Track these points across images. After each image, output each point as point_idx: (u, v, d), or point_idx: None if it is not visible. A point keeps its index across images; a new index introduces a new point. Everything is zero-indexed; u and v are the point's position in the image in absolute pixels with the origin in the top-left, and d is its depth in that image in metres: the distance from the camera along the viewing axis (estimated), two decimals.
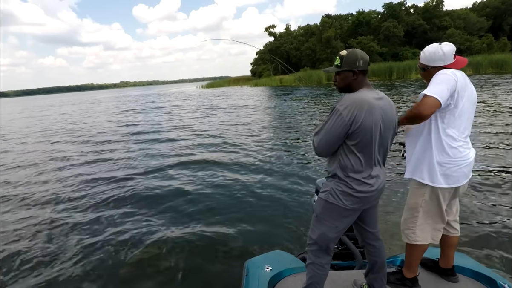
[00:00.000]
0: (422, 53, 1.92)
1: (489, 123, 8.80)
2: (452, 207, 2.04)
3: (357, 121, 1.58)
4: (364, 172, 1.67)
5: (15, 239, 4.14)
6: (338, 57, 1.72)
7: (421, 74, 1.99)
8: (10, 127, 18.91)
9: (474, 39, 44.78)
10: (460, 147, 1.84)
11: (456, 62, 1.86)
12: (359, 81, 1.70)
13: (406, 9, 53.42)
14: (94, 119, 19.42)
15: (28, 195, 5.86)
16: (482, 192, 4.47)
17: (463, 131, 1.86)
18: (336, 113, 1.61)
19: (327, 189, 1.74)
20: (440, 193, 1.89)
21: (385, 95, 1.74)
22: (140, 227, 4.17)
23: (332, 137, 1.63)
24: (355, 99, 1.62)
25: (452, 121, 1.82)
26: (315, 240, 1.79)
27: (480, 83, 19.91)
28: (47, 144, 11.60)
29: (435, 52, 1.85)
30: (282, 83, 45.25)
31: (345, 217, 1.74)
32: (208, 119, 15.00)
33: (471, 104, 1.86)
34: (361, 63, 1.66)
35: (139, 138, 11.25)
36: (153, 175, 6.54)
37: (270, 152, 7.84)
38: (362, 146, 1.63)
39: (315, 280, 1.82)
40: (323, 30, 52.58)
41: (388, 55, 47.65)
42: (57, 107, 39.90)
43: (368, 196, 1.70)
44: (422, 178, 1.91)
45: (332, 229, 1.75)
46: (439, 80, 1.76)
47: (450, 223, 2.06)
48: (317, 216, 1.79)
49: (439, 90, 1.73)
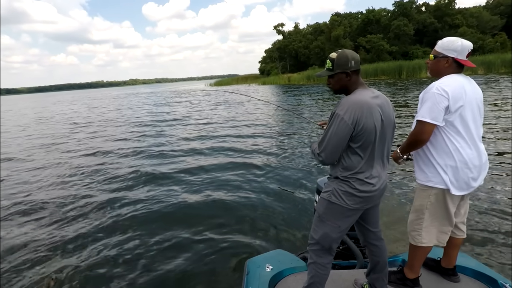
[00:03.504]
0: (440, 41, 1.88)
1: (494, 123, 8.68)
2: (461, 209, 2.01)
3: (359, 123, 1.58)
4: (366, 172, 1.67)
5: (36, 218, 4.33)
6: (329, 60, 1.71)
7: (429, 64, 1.93)
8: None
9: (487, 37, 43.87)
10: (466, 149, 1.81)
11: (466, 61, 1.83)
12: (354, 81, 1.70)
13: (417, 7, 52.63)
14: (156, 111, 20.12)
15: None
16: (483, 192, 4.41)
17: (470, 132, 1.82)
18: (337, 118, 1.60)
19: (329, 189, 1.74)
20: (447, 196, 1.87)
21: (380, 93, 1.74)
22: (140, 226, 4.18)
23: (337, 142, 1.62)
24: (354, 101, 1.62)
25: (456, 124, 1.79)
26: (317, 240, 1.79)
27: (491, 82, 19.54)
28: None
29: (454, 41, 1.82)
30: (290, 81, 45.16)
31: (347, 217, 1.74)
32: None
33: (473, 106, 1.82)
34: (353, 63, 1.66)
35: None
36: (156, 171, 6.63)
37: (269, 152, 7.82)
38: (365, 146, 1.64)
39: (317, 280, 1.82)
40: (332, 28, 52.17)
41: (398, 54, 47.05)
42: (99, 100, 43.50)
43: (371, 196, 1.70)
44: (427, 180, 1.90)
45: (335, 229, 1.75)
46: (430, 102, 1.76)
47: (457, 225, 2.03)
48: (319, 216, 1.79)
49: (431, 112, 1.75)
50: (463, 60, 1.82)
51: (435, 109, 1.75)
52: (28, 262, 3.51)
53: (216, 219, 4.26)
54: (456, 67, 1.84)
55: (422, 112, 1.79)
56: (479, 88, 1.90)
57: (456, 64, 1.83)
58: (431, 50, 1.93)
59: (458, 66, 1.84)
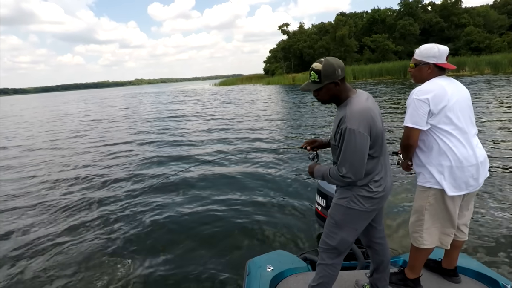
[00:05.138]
0: (417, 50, 1.96)
1: (495, 123, 8.60)
2: (464, 210, 2.01)
3: (372, 131, 1.60)
4: (380, 172, 1.70)
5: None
6: (314, 72, 1.64)
7: (411, 72, 2.01)
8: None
9: (494, 37, 43.41)
10: (461, 148, 1.82)
11: (446, 64, 1.92)
12: (343, 89, 1.66)
13: (423, 7, 52.28)
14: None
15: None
16: (483, 192, 4.37)
17: (461, 131, 1.84)
18: (353, 133, 1.55)
19: (346, 196, 1.72)
20: (446, 196, 1.86)
21: (364, 91, 1.74)
22: (139, 225, 4.20)
23: (362, 157, 1.58)
24: (359, 111, 1.59)
25: (445, 125, 1.83)
26: (334, 246, 1.77)
27: (501, 82, 19.33)
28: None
29: (431, 48, 1.89)
30: (295, 81, 45.06)
31: (365, 220, 1.77)
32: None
33: (461, 105, 1.86)
34: (339, 71, 1.62)
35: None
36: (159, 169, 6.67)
37: (270, 151, 7.81)
38: (376, 149, 1.66)
39: (326, 281, 1.82)
40: (337, 28, 51.94)
41: (404, 54, 46.75)
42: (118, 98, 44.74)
43: (384, 195, 1.73)
44: (425, 182, 1.92)
45: (352, 233, 1.76)
46: (411, 108, 1.85)
47: (459, 226, 2.03)
48: (336, 222, 1.76)
49: (412, 117, 1.84)
50: (443, 63, 1.90)
51: (415, 114, 1.83)
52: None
53: (216, 219, 4.27)
54: (438, 71, 1.92)
55: (406, 117, 1.89)
56: (464, 87, 1.95)
57: (437, 69, 1.91)
58: (416, 49, 2.01)
59: (439, 70, 1.92)
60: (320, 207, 2.97)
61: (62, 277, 3.22)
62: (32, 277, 3.24)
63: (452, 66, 1.94)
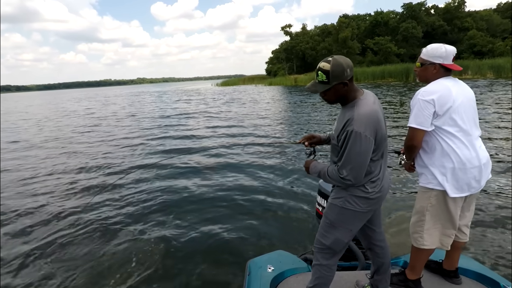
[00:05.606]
0: (424, 49, 1.94)
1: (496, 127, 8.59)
2: (465, 211, 2.01)
3: (377, 134, 1.58)
4: (378, 174, 1.68)
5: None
6: (321, 72, 1.57)
7: (417, 72, 1.98)
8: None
9: (497, 41, 43.30)
10: (464, 149, 1.82)
11: (452, 65, 1.89)
12: (351, 89, 1.62)
13: (426, 10, 52.19)
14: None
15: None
16: (483, 192, 4.38)
17: (465, 133, 1.83)
18: (359, 136, 1.52)
19: (341, 195, 1.70)
20: (448, 197, 1.86)
21: (370, 92, 1.71)
22: (139, 225, 4.22)
23: (364, 160, 1.56)
24: (367, 114, 1.55)
25: (449, 126, 1.82)
26: (328, 245, 1.76)
27: (504, 87, 19.28)
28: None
29: (438, 48, 1.87)
30: (297, 82, 45.06)
31: (360, 220, 1.74)
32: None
33: (465, 107, 1.84)
34: (348, 71, 1.56)
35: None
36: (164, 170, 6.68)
37: (270, 151, 7.82)
38: (378, 152, 1.65)
39: (322, 281, 1.81)
40: (340, 30, 51.92)
41: (406, 56, 46.67)
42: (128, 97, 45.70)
43: (381, 196, 1.71)
44: (427, 182, 1.91)
45: (346, 234, 1.74)
46: (415, 109, 1.83)
47: (460, 228, 2.02)
48: (330, 222, 1.75)
49: (417, 118, 1.82)
50: (449, 64, 1.87)
51: (420, 115, 1.80)
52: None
53: (217, 219, 4.27)
54: (443, 72, 1.89)
55: (410, 118, 1.86)
56: (469, 89, 1.93)
57: (443, 69, 1.89)
58: (423, 48, 1.99)
59: (445, 70, 1.89)
60: (321, 207, 2.95)
61: (70, 270, 3.26)
62: (33, 272, 3.26)
63: (458, 67, 1.92)
